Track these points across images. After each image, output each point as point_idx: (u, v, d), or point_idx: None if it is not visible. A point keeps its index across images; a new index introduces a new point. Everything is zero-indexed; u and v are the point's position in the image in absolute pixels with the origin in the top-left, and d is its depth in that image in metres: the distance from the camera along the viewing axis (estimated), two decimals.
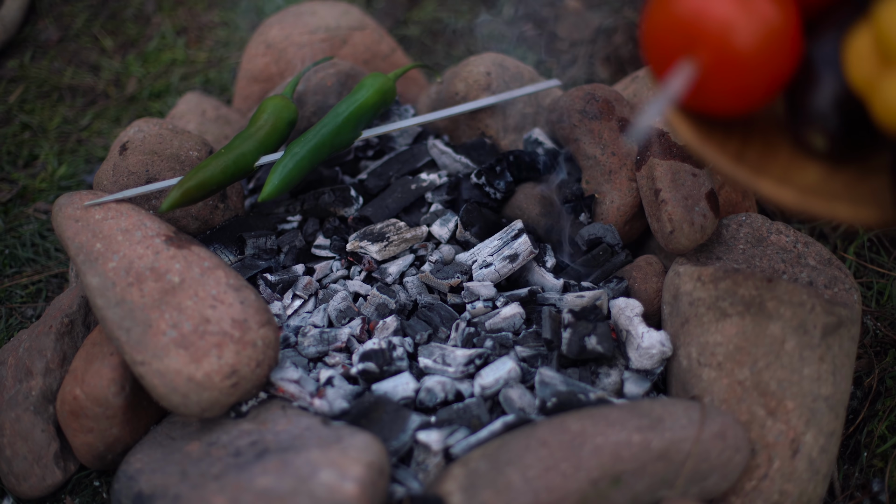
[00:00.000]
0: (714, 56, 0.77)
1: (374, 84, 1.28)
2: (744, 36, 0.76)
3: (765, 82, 0.79)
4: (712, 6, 0.77)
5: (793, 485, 0.98)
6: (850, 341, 1.03)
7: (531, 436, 0.93)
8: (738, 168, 0.80)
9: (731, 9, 0.77)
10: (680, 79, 0.78)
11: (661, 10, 0.81)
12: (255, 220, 1.26)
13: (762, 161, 0.82)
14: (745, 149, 0.83)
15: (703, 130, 0.83)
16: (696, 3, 0.78)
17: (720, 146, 0.83)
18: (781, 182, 0.79)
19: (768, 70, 0.78)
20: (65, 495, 1.11)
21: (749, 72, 0.78)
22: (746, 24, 0.76)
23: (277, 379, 1.02)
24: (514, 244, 1.16)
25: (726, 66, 0.77)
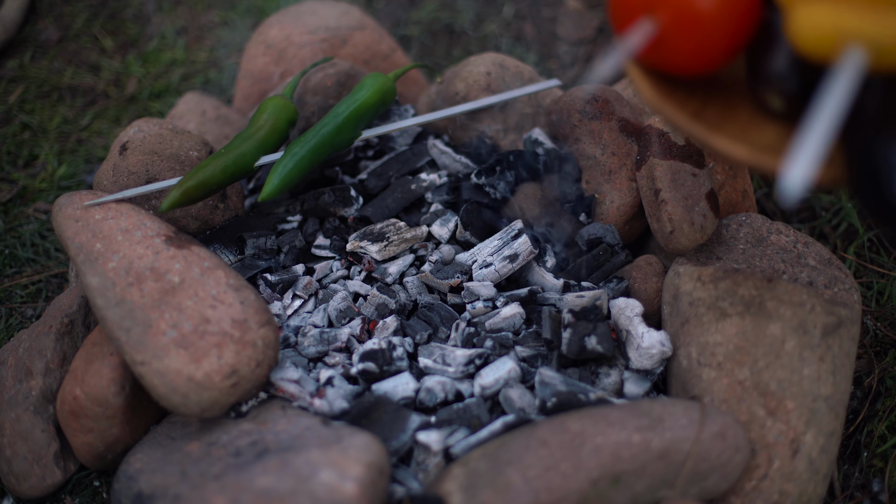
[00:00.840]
0: (673, 15, 0.80)
1: (374, 84, 1.28)
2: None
3: (723, 43, 0.81)
4: None
5: (793, 485, 0.98)
6: (850, 341, 1.03)
7: (531, 436, 0.93)
8: (694, 124, 0.83)
9: None
10: (637, 35, 0.81)
11: None
12: (255, 220, 1.26)
13: (721, 120, 0.85)
14: (705, 108, 0.86)
15: (665, 89, 0.86)
16: None
17: (680, 104, 0.86)
18: (736, 139, 0.82)
19: (726, 31, 0.80)
20: (65, 495, 1.11)
21: (707, 32, 0.80)
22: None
23: (277, 379, 1.02)
24: (514, 244, 1.16)
25: (685, 25, 0.80)
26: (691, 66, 0.84)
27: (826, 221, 1.41)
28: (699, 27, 0.80)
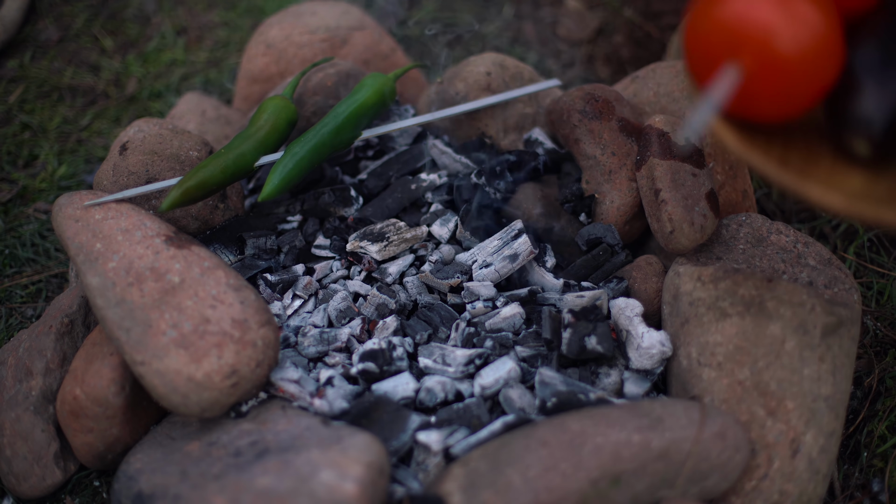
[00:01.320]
0: (758, 61, 0.77)
1: (374, 84, 1.28)
2: (787, 41, 0.76)
3: (808, 88, 0.78)
4: (756, 11, 0.77)
5: (793, 485, 0.98)
6: (850, 341, 1.03)
7: (531, 436, 0.93)
8: (784, 173, 0.80)
9: (775, 14, 0.76)
10: (724, 84, 0.78)
11: (704, 15, 0.80)
12: (255, 220, 1.26)
13: (806, 167, 0.81)
14: (787, 156, 0.82)
15: (747, 137, 0.83)
16: (740, 8, 0.77)
17: (764, 152, 0.82)
18: (828, 187, 0.78)
19: (812, 75, 0.78)
20: (65, 495, 1.11)
21: (793, 77, 0.77)
22: (790, 29, 0.76)
23: (277, 379, 1.02)
24: (514, 244, 1.16)
25: (770, 71, 0.77)
26: (775, 113, 0.81)
27: (826, 221, 1.41)
28: (785, 72, 0.77)
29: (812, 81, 0.78)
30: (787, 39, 0.76)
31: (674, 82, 1.26)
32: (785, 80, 0.77)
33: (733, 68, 0.78)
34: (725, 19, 0.78)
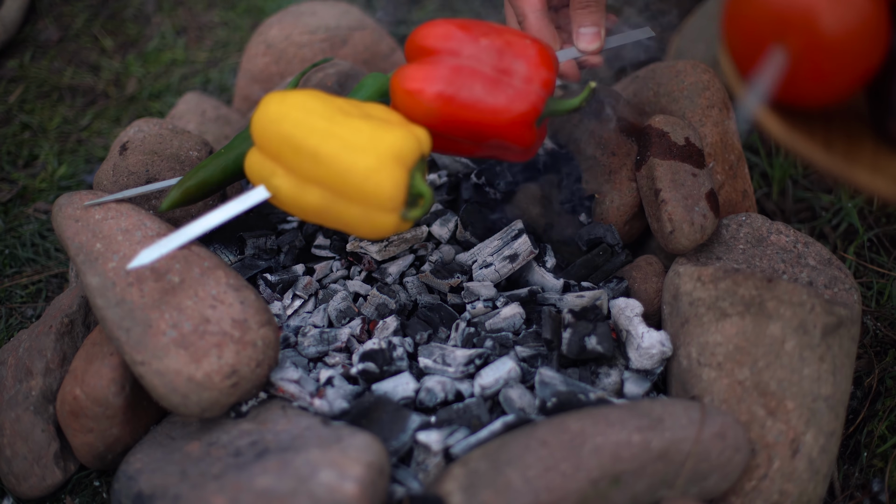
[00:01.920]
0: (802, 44, 0.75)
1: (373, 84, 1.28)
2: (833, 22, 0.74)
3: (854, 70, 0.77)
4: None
5: (793, 485, 0.98)
6: (850, 341, 1.03)
7: (531, 436, 0.93)
8: (832, 159, 0.78)
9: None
10: (771, 69, 0.75)
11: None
12: (255, 219, 1.26)
13: (850, 152, 0.80)
14: (831, 142, 0.81)
15: (789, 123, 0.81)
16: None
17: (808, 138, 0.80)
18: (875, 171, 0.77)
19: (858, 58, 0.76)
20: (65, 495, 1.11)
21: (838, 60, 0.75)
22: (835, 10, 0.74)
23: (277, 379, 1.02)
24: (514, 244, 1.16)
25: (815, 54, 0.75)
26: (819, 98, 0.79)
27: (826, 221, 1.41)
28: (830, 54, 0.75)
29: (857, 64, 0.76)
30: (832, 21, 0.74)
31: (674, 82, 1.26)
32: (830, 63, 0.76)
33: (779, 53, 0.76)
34: (768, 2, 0.76)
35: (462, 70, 1.01)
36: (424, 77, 1.01)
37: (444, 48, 1.03)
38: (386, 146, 0.95)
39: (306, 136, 0.95)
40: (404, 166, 0.96)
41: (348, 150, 0.94)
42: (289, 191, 0.98)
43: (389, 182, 0.94)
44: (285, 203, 1.00)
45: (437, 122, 1.02)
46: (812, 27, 0.75)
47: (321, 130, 0.95)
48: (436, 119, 1.01)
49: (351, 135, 0.95)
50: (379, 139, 0.95)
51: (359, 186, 0.95)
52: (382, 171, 0.94)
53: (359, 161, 0.94)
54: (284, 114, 0.97)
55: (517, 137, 1.02)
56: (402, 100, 1.02)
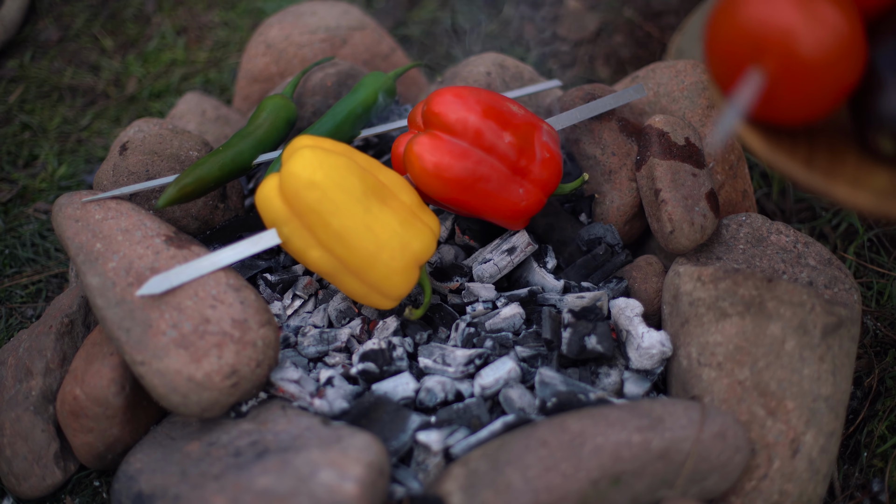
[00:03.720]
0: (780, 65, 0.77)
1: (373, 83, 1.28)
2: (810, 43, 0.76)
3: (832, 89, 0.78)
4: (776, 14, 0.77)
5: (793, 485, 0.98)
6: (850, 341, 1.03)
7: (531, 436, 0.93)
8: (811, 175, 0.80)
9: (796, 16, 0.76)
10: (748, 89, 0.77)
11: (725, 19, 0.80)
12: (255, 219, 1.26)
13: (831, 168, 0.81)
14: (813, 157, 0.82)
15: (771, 140, 0.83)
16: (761, 12, 0.77)
17: (790, 154, 0.82)
18: (855, 186, 0.79)
19: (835, 76, 0.78)
20: (65, 495, 1.11)
21: (816, 79, 0.77)
22: (812, 31, 0.76)
23: (277, 379, 1.02)
24: (511, 238, 1.16)
25: (793, 74, 0.77)
26: (799, 116, 0.81)
27: (826, 221, 1.41)
28: (808, 75, 0.77)
29: (836, 82, 0.78)
30: (809, 41, 0.76)
31: (674, 82, 1.26)
32: (808, 83, 0.77)
33: (756, 73, 0.77)
34: (746, 23, 0.78)
35: (483, 163, 1.07)
36: (447, 159, 1.06)
37: (468, 130, 1.08)
38: (412, 252, 1.03)
39: (338, 217, 0.99)
40: (420, 267, 1.05)
41: (378, 246, 1.01)
42: (299, 245, 1.02)
43: (406, 284, 1.04)
44: (291, 252, 1.03)
45: (446, 198, 1.08)
46: (789, 49, 0.76)
47: (354, 217, 1.00)
48: (445, 195, 1.08)
49: (382, 230, 1.01)
50: (407, 243, 1.02)
51: (377, 278, 1.02)
52: (404, 273, 1.03)
53: (385, 260, 1.01)
54: (319, 184, 0.99)
55: (513, 223, 1.13)
56: (418, 170, 1.07)
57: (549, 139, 1.12)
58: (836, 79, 0.78)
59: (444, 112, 1.07)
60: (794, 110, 0.80)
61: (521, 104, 1.23)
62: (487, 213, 1.10)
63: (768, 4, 0.77)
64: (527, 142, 1.09)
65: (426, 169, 1.06)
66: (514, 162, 1.08)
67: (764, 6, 0.77)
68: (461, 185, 1.07)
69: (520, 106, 1.13)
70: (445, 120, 1.07)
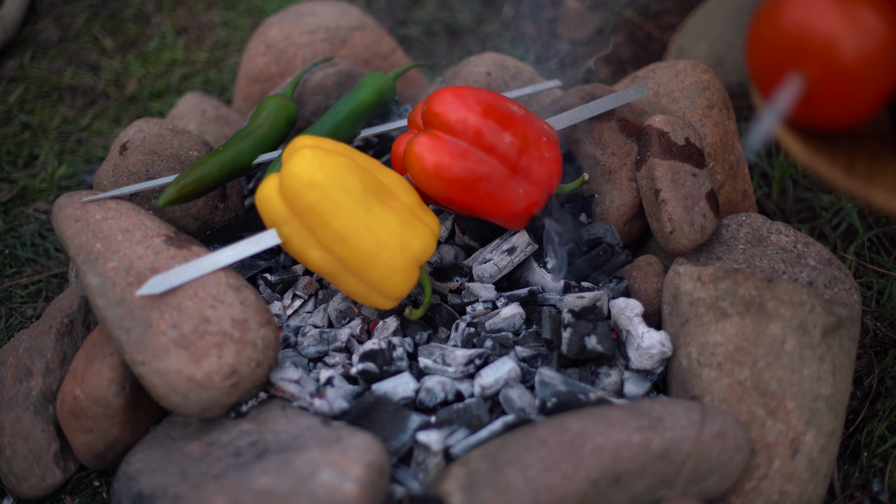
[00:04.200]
0: (820, 70, 0.78)
1: (373, 83, 1.28)
2: (850, 49, 0.76)
3: (872, 94, 0.79)
4: (818, 20, 0.77)
5: (793, 485, 0.98)
6: (850, 341, 1.03)
7: (531, 436, 0.93)
8: (850, 180, 0.80)
9: (837, 22, 0.77)
10: (787, 93, 0.78)
11: (767, 24, 0.81)
12: (255, 219, 1.26)
13: (871, 173, 0.82)
14: (853, 163, 0.83)
15: (811, 144, 0.83)
16: (802, 17, 0.78)
17: (829, 159, 0.82)
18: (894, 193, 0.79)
19: (875, 82, 0.78)
20: (65, 495, 1.11)
21: (856, 85, 0.78)
22: (852, 38, 0.76)
23: (277, 379, 1.02)
24: (511, 238, 1.16)
25: (833, 79, 0.78)
26: (838, 120, 0.81)
27: (826, 221, 1.41)
28: (848, 80, 0.77)
29: (875, 88, 0.78)
30: (850, 47, 0.76)
31: (674, 82, 1.26)
32: (848, 88, 0.78)
33: (796, 78, 0.78)
34: (788, 28, 0.78)
35: (483, 163, 1.07)
36: (447, 159, 1.06)
37: (469, 130, 1.07)
38: (411, 252, 1.03)
39: (338, 217, 0.99)
40: (420, 267, 1.05)
41: (378, 246, 1.01)
42: (299, 245, 1.02)
43: (406, 284, 1.04)
44: (291, 252, 1.03)
45: (446, 198, 1.08)
46: (830, 55, 0.77)
47: (354, 217, 1.00)
48: (445, 195, 1.08)
49: (382, 230, 1.01)
50: (407, 243, 1.02)
51: (377, 278, 1.02)
52: (404, 273, 1.03)
53: (385, 260, 1.01)
54: (319, 184, 0.99)
55: (513, 223, 1.12)
56: (418, 170, 1.07)
57: (549, 139, 1.12)
58: (876, 84, 0.78)
59: (444, 112, 1.07)
60: (832, 115, 0.81)
61: (521, 104, 1.23)
62: (487, 213, 1.10)
63: (810, 10, 0.78)
64: (527, 142, 1.09)
65: (426, 169, 1.06)
66: (514, 162, 1.08)
67: (805, 11, 0.78)
68: (461, 185, 1.07)
69: (520, 106, 1.13)
70: (445, 120, 1.07)
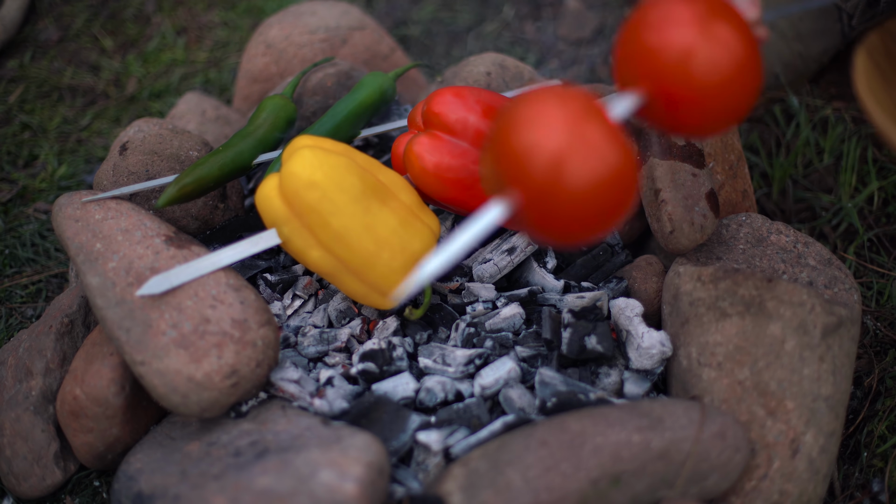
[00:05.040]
0: (673, 85, 0.82)
1: (373, 83, 1.28)
2: (704, 65, 0.81)
3: (729, 109, 0.84)
4: (675, 37, 0.81)
5: (793, 485, 0.98)
6: (850, 341, 1.03)
7: (531, 436, 0.93)
8: None
9: (694, 39, 0.81)
10: (623, 104, 0.83)
11: (629, 39, 0.85)
12: (255, 219, 1.26)
13: None
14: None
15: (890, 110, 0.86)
16: (660, 34, 0.82)
17: None
18: None
19: (731, 97, 0.83)
20: (65, 495, 1.11)
21: (711, 100, 0.82)
22: (708, 54, 0.80)
23: (277, 379, 1.02)
24: (511, 238, 1.16)
25: (688, 94, 0.82)
26: (703, 131, 0.87)
27: (826, 221, 1.41)
28: (704, 94, 0.82)
29: (732, 103, 0.83)
30: (703, 63, 0.80)
31: None
32: (705, 103, 0.82)
33: (635, 94, 0.83)
34: (648, 44, 0.82)
35: None
36: (447, 159, 1.07)
37: (469, 130, 1.08)
38: (412, 252, 1.03)
39: (338, 217, 0.99)
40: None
41: (378, 246, 1.01)
42: (299, 245, 1.02)
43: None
44: (291, 252, 1.03)
45: (446, 198, 1.08)
46: (686, 71, 0.81)
47: (354, 217, 1.00)
48: (445, 195, 1.08)
49: (382, 230, 1.01)
50: (407, 243, 1.03)
51: (377, 278, 1.02)
52: (404, 273, 1.03)
53: (386, 260, 1.01)
54: (319, 184, 0.99)
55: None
56: (418, 170, 1.07)
57: None
58: (733, 98, 0.82)
59: (444, 112, 1.07)
60: (694, 127, 0.85)
61: None
62: None
63: (668, 27, 0.82)
64: None
65: (426, 169, 1.06)
66: None
67: (662, 29, 0.82)
68: (461, 185, 1.06)
69: None
70: (445, 120, 1.07)
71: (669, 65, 0.80)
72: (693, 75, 0.80)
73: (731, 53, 0.80)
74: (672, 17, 0.81)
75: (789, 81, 1.57)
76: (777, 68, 1.56)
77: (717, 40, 0.80)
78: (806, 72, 1.59)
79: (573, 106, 0.77)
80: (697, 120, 0.83)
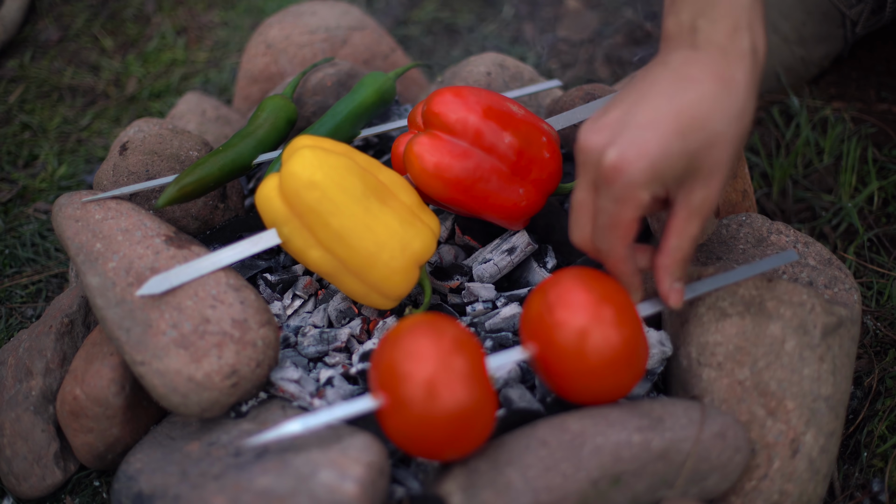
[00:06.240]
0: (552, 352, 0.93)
1: (373, 83, 1.28)
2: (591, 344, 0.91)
3: (611, 389, 0.95)
4: (571, 317, 0.91)
5: (793, 485, 0.98)
6: (850, 341, 1.03)
7: (531, 436, 0.93)
8: None
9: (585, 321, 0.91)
10: (509, 355, 0.95)
11: (531, 305, 0.95)
12: (255, 219, 1.26)
13: None
14: None
15: None
16: (551, 310, 0.92)
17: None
18: None
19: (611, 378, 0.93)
20: (65, 495, 1.11)
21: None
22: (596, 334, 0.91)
23: (277, 379, 1.02)
24: (511, 238, 1.16)
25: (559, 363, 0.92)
26: (583, 400, 0.99)
27: (826, 221, 1.41)
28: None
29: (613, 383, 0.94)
30: (595, 343, 0.91)
31: None
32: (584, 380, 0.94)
33: (525, 349, 0.95)
34: (537, 314, 0.94)
35: (483, 163, 1.07)
36: (447, 159, 1.06)
37: (469, 130, 1.07)
38: (412, 252, 1.02)
39: (338, 217, 0.99)
40: (420, 267, 1.05)
41: (378, 246, 1.00)
42: (299, 245, 1.01)
43: (406, 284, 1.04)
44: (291, 252, 1.03)
45: (446, 198, 1.08)
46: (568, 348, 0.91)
47: (354, 217, 1.00)
48: (445, 195, 1.08)
49: (382, 230, 1.01)
50: (407, 243, 1.02)
51: (377, 278, 1.02)
52: (404, 273, 1.02)
53: (385, 260, 1.01)
54: (319, 184, 0.98)
55: (513, 223, 1.12)
56: (418, 170, 1.07)
57: (549, 139, 1.12)
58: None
59: (445, 112, 1.07)
60: (568, 394, 0.96)
61: (521, 104, 1.23)
62: (487, 214, 1.10)
63: (561, 307, 0.92)
64: (527, 142, 1.09)
65: (426, 169, 1.06)
66: (514, 162, 1.08)
67: (555, 304, 0.93)
68: (461, 185, 1.07)
69: (520, 106, 1.13)
70: (445, 120, 1.07)
71: (559, 339, 0.91)
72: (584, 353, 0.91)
73: (614, 340, 0.90)
74: (568, 301, 0.92)
75: (790, 84, 1.57)
76: (778, 70, 1.56)
77: (605, 325, 0.90)
78: (806, 75, 1.60)
79: (445, 342, 0.88)
80: (571, 388, 0.94)
